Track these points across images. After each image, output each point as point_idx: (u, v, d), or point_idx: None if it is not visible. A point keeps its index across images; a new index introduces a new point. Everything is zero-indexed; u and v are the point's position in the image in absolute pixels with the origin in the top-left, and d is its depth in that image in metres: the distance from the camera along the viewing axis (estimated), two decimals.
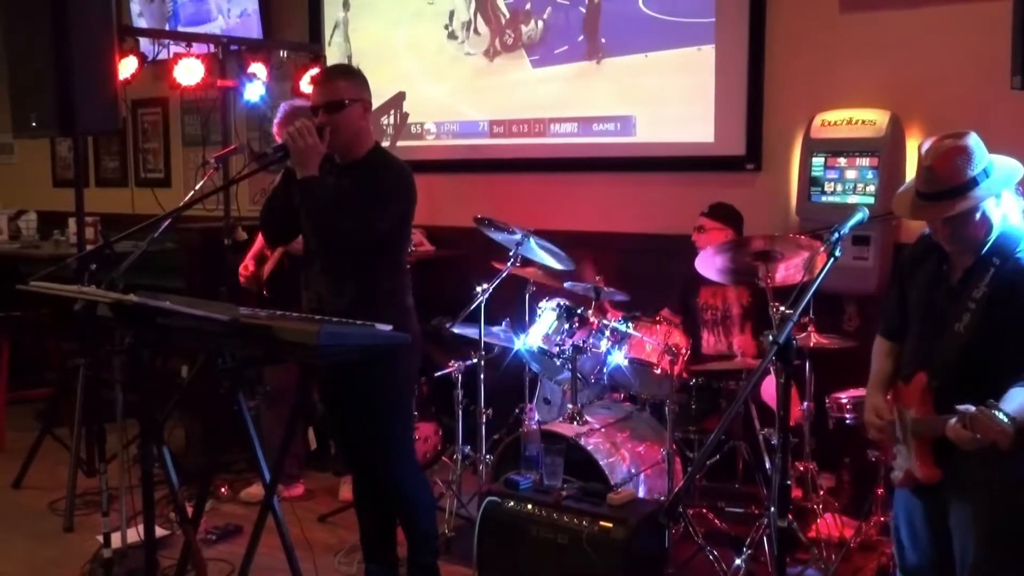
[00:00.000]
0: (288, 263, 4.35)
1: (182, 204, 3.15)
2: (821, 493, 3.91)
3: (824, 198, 4.33)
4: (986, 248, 2.51)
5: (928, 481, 2.52)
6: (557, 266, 4.28)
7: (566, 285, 4.29)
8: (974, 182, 2.45)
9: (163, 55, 5.46)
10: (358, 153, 3.23)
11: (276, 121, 4.32)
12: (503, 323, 4.36)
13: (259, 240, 4.60)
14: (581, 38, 5.16)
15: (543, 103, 5.34)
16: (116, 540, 3.68)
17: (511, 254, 4.18)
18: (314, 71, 5.41)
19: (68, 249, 6.24)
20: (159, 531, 3.64)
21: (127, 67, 5.01)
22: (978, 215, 2.47)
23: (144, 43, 5.86)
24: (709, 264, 3.85)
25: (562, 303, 4.12)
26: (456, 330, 4.21)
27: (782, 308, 2.24)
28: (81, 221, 4.82)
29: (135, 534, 3.70)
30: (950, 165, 2.45)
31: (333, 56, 6.01)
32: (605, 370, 4.05)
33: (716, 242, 4.01)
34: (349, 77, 3.25)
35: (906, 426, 2.56)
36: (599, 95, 5.15)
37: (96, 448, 4.54)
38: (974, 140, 2.49)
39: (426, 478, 3.64)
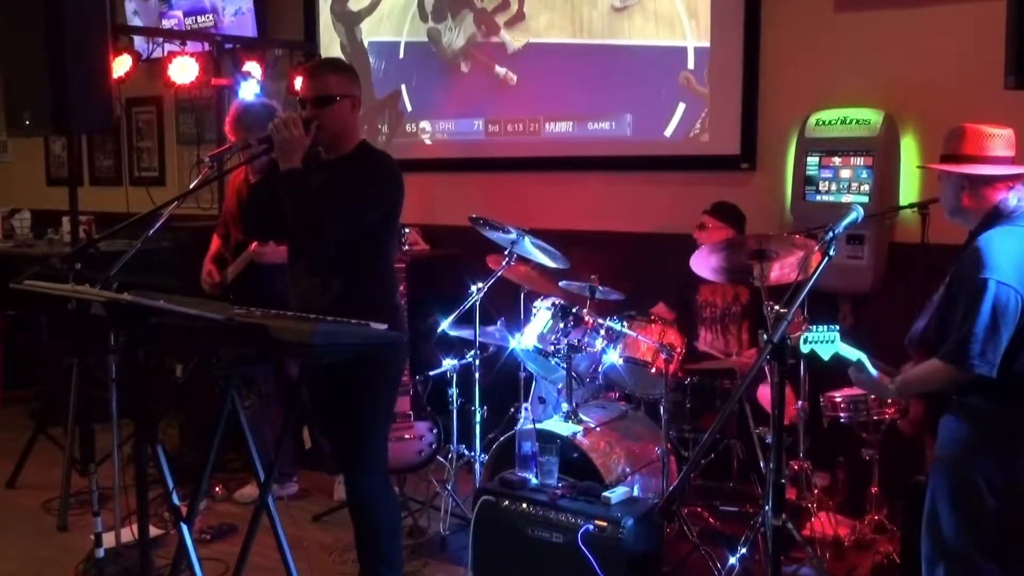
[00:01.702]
0: (255, 266, 4.31)
1: (165, 202, 3.09)
2: (816, 492, 3.92)
3: (819, 197, 4.34)
4: (975, 227, 2.73)
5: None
6: (553, 264, 4.28)
7: (561, 284, 4.29)
8: (956, 158, 2.73)
9: (157, 53, 5.45)
10: (344, 149, 3.18)
11: (227, 120, 4.27)
12: (498, 322, 4.36)
13: (214, 243, 4.58)
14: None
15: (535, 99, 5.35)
16: (110, 540, 3.67)
17: (506, 253, 4.18)
18: None
19: (62, 248, 6.22)
20: (153, 531, 3.63)
21: (121, 65, 5.01)
22: (950, 187, 2.76)
23: (138, 41, 5.85)
24: (704, 263, 3.85)
25: (557, 302, 4.12)
26: (451, 329, 4.21)
27: (777, 307, 2.25)
28: (75, 220, 4.81)
29: (129, 533, 3.70)
30: (956, 134, 2.75)
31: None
32: (600, 369, 4.05)
33: (717, 240, 4.01)
34: (339, 72, 3.18)
35: None
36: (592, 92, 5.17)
37: (86, 448, 4.54)
38: (993, 133, 2.73)
39: (395, 495, 3.55)
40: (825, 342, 2.58)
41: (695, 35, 4.81)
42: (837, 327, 2.60)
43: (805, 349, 2.58)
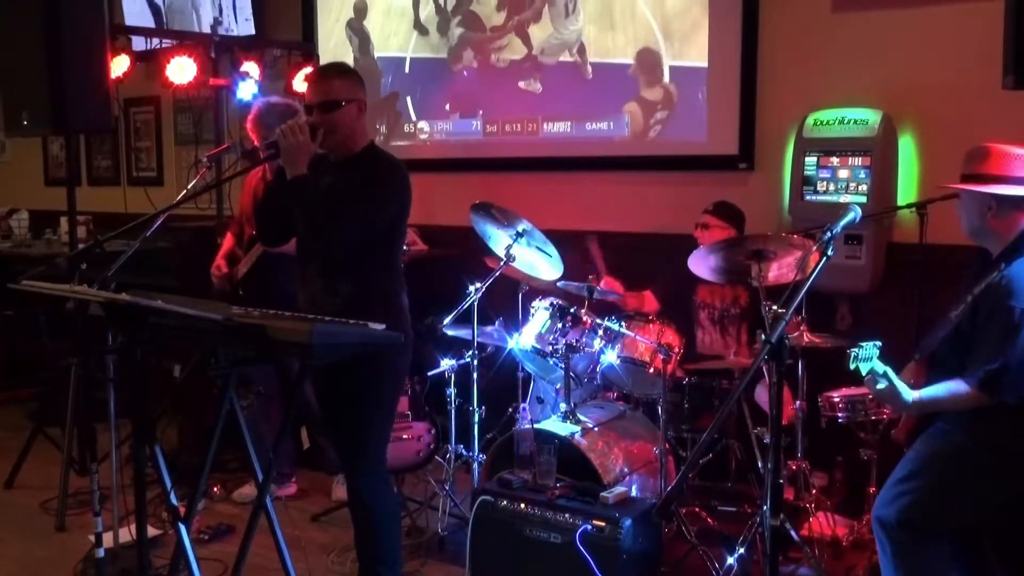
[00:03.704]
0: (265, 262, 4.31)
1: (172, 203, 3.12)
2: (814, 492, 3.92)
3: (817, 197, 4.34)
4: (1003, 250, 2.72)
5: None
6: (545, 277, 4.27)
7: (559, 284, 4.29)
8: (981, 177, 2.72)
9: (153, 45, 5.46)
10: (352, 151, 3.20)
11: (249, 118, 4.27)
12: (496, 322, 4.36)
13: (228, 240, 4.58)
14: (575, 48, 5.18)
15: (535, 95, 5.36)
16: (108, 540, 3.67)
17: (506, 246, 4.18)
18: (307, 70, 5.41)
19: (60, 248, 6.23)
20: (151, 531, 3.64)
21: (119, 65, 5.00)
22: (975, 207, 2.74)
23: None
24: (702, 263, 3.85)
25: (555, 302, 4.12)
26: (449, 330, 4.21)
27: (775, 307, 2.25)
28: (73, 220, 4.82)
29: (127, 534, 3.70)
30: (979, 153, 2.76)
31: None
32: (598, 369, 4.05)
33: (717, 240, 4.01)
34: (345, 76, 3.20)
35: None
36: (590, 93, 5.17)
37: (86, 448, 4.53)
38: (1018, 153, 2.71)
39: (396, 493, 3.54)
40: (869, 359, 2.56)
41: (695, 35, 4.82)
42: (879, 343, 2.57)
43: (852, 367, 2.55)
